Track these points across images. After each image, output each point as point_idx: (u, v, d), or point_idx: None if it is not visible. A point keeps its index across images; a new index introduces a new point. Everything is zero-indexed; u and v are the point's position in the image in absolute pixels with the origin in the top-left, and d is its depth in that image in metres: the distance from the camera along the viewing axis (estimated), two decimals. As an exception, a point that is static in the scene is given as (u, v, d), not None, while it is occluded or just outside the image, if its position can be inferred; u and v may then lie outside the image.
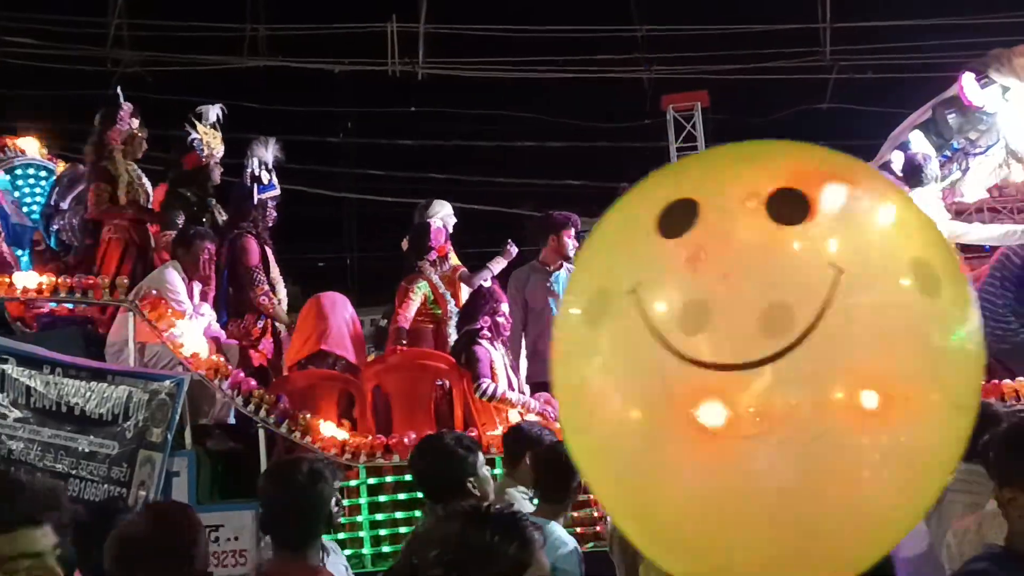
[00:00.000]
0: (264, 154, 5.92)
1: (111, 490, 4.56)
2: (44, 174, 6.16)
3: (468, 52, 12.73)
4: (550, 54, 12.83)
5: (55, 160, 6.28)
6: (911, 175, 5.05)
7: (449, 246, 6.05)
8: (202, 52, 12.22)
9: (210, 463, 4.72)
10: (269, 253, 5.78)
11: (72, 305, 5.14)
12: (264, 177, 5.87)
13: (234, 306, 5.56)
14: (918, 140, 5.44)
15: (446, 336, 5.55)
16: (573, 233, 5.71)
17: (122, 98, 5.96)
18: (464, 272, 5.87)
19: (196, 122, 5.93)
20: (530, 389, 5.14)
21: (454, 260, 6.01)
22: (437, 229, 5.78)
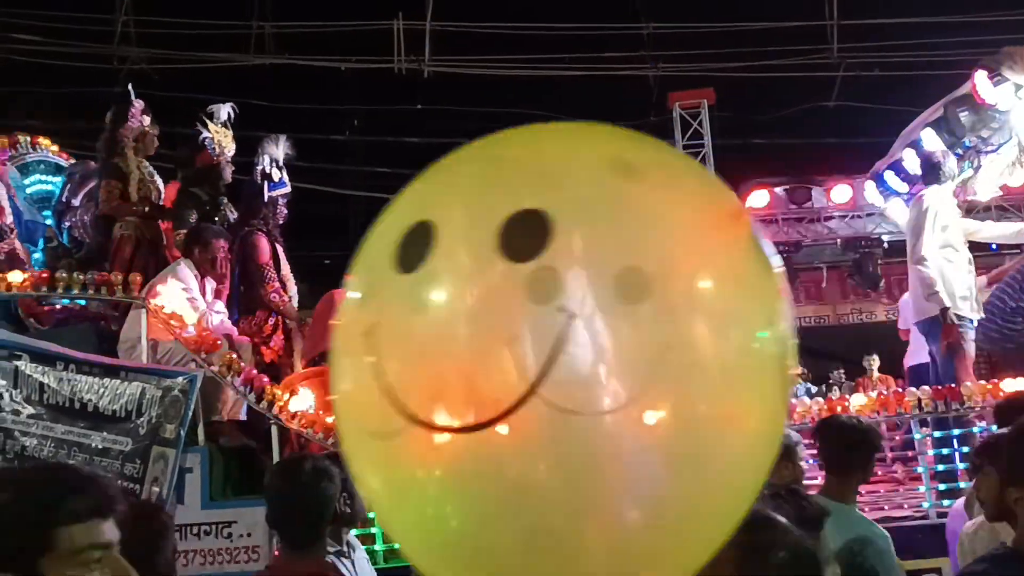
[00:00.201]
0: (275, 152, 5.93)
1: (124, 486, 4.57)
2: (56, 171, 6.17)
3: (474, 50, 12.72)
4: (556, 52, 12.82)
5: (67, 157, 6.29)
6: (929, 172, 5.03)
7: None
8: (209, 50, 12.23)
9: (223, 459, 4.72)
10: (280, 250, 5.79)
11: (84, 301, 5.15)
12: (275, 175, 5.89)
13: (245, 303, 5.57)
14: (930, 138, 5.42)
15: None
16: None
17: (133, 95, 5.97)
18: None
19: (207, 121, 5.93)
20: None
21: None
22: None
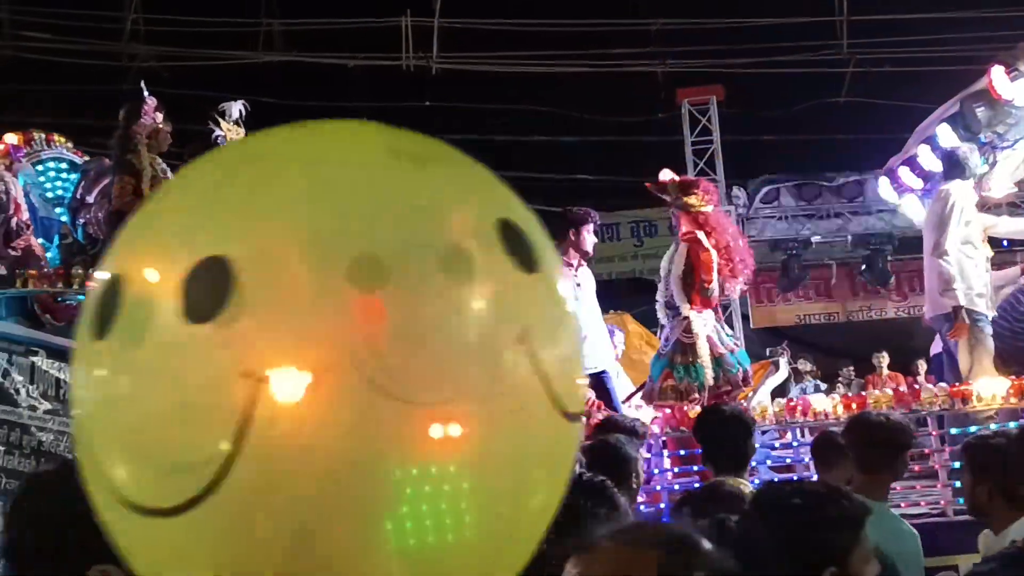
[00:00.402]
0: (285, 148, 5.94)
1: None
2: (70, 167, 6.19)
3: (482, 47, 12.71)
4: (564, 48, 12.80)
5: (80, 154, 6.31)
6: (953, 167, 5.01)
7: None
8: (217, 47, 12.24)
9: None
10: (291, 247, 5.81)
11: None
12: (285, 171, 5.90)
13: (258, 299, 5.58)
14: (946, 134, 5.39)
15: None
16: (592, 229, 5.73)
17: (146, 92, 5.98)
18: None
19: (220, 119, 5.94)
20: None
21: None
22: None
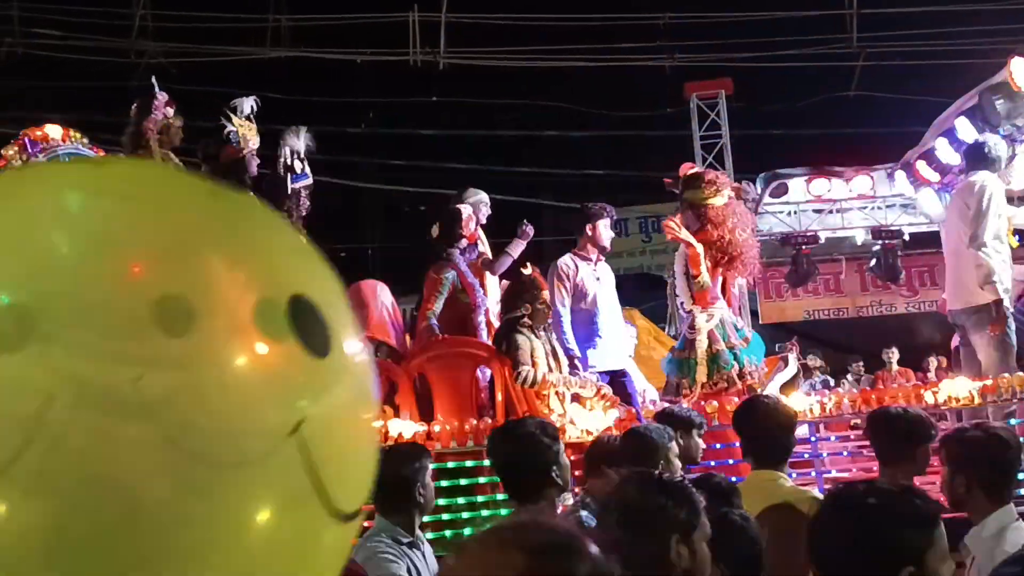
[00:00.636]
0: (296, 143, 5.92)
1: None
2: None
3: (489, 41, 12.69)
4: (572, 43, 12.78)
5: (97, 149, 6.31)
6: (980, 159, 4.97)
7: (480, 234, 6.07)
8: (225, 43, 12.25)
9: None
10: (304, 242, 5.80)
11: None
12: (297, 166, 5.88)
13: (272, 295, 5.58)
14: (964, 127, 5.36)
15: (476, 325, 5.56)
16: (608, 223, 5.75)
17: (156, 88, 5.97)
18: (486, 259, 5.87)
19: (231, 115, 5.93)
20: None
21: (481, 247, 6.02)
22: (468, 216, 5.78)
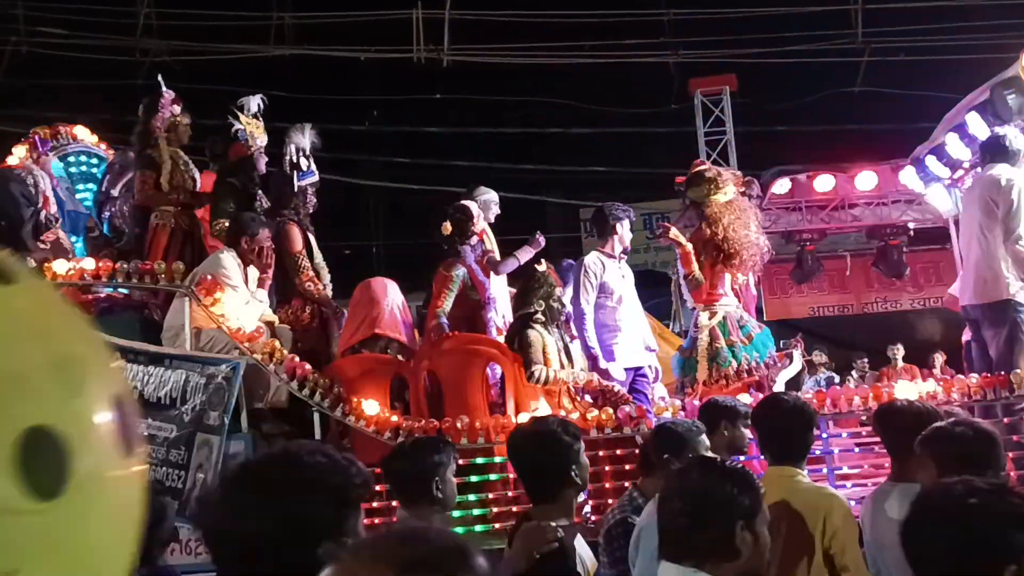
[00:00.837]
0: (301, 141, 5.93)
1: (169, 473, 4.61)
2: (96, 161, 6.21)
3: (493, 39, 12.68)
4: (576, 40, 12.77)
5: (107, 147, 6.33)
6: (999, 153, 4.95)
7: (488, 232, 6.08)
8: (230, 41, 12.25)
9: (266, 446, 4.75)
10: (311, 239, 5.81)
11: (127, 291, 5.20)
12: (303, 164, 5.89)
13: (281, 292, 5.61)
14: (975, 122, 5.34)
15: (485, 321, 5.57)
16: (629, 225, 5.83)
17: (163, 86, 5.98)
18: (492, 258, 5.88)
19: (239, 113, 5.95)
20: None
21: (488, 245, 6.03)
22: (476, 214, 5.80)
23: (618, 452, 4.66)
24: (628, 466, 4.65)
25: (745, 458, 4.00)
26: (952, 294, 5.73)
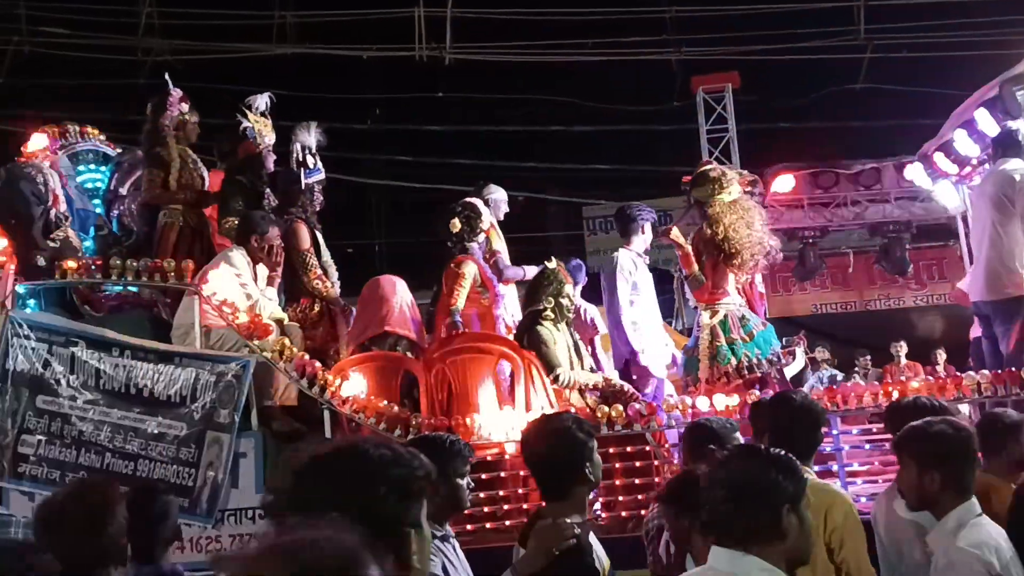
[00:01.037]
0: (308, 139, 5.94)
1: (180, 471, 4.62)
2: (104, 160, 6.21)
3: (495, 37, 12.66)
4: (578, 37, 12.76)
5: (114, 146, 6.33)
6: (1012, 147, 4.95)
7: (496, 229, 6.11)
8: (232, 40, 12.24)
9: (276, 444, 4.75)
10: (319, 237, 5.82)
11: (137, 288, 5.20)
12: (309, 162, 5.90)
13: (289, 290, 5.61)
14: (984, 118, 5.34)
15: (494, 319, 5.58)
16: (651, 226, 5.98)
17: (170, 85, 5.98)
18: (500, 260, 5.91)
19: (247, 111, 5.95)
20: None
21: (495, 243, 6.05)
22: (485, 210, 5.82)
23: (628, 450, 4.66)
24: (638, 463, 4.66)
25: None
26: (961, 289, 5.73)
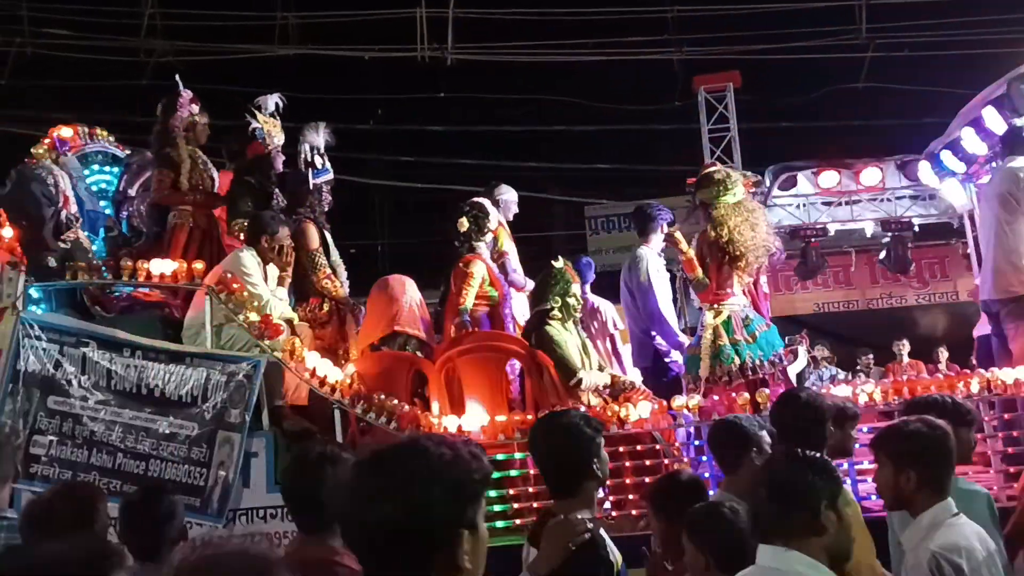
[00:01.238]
0: (316, 139, 5.96)
1: (191, 471, 4.63)
2: (113, 161, 6.22)
3: (497, 37, 12.68)
4: (579, 37, 12.77)
5: (123, 148, 6.34)
6: (1018, 145, 4.97)
7: (505, 229, 6.13)
8: (234, 41, 12.25)
9: (287, 444, 4.77)
10: (327, 237, 5.84)
11: (147, 289, 5.21)
12: (317, 162, 5.92)
13: (298, 290, 5.63)
14: (992, 116, 5.36)
15: (503, 318, 5.60)
16: (668, 225, 6.10)
17: (180, 86, 5.99)
18: (509, 261, 5.95)
19: (256, 112, 5.96)
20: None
21: (503, 243, 6.07)
22: (492, 210, 5.84)
23: (638, 448, 4.69)
24: (648, 461, 4.68)
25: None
26: (979, 286, 5.75)
